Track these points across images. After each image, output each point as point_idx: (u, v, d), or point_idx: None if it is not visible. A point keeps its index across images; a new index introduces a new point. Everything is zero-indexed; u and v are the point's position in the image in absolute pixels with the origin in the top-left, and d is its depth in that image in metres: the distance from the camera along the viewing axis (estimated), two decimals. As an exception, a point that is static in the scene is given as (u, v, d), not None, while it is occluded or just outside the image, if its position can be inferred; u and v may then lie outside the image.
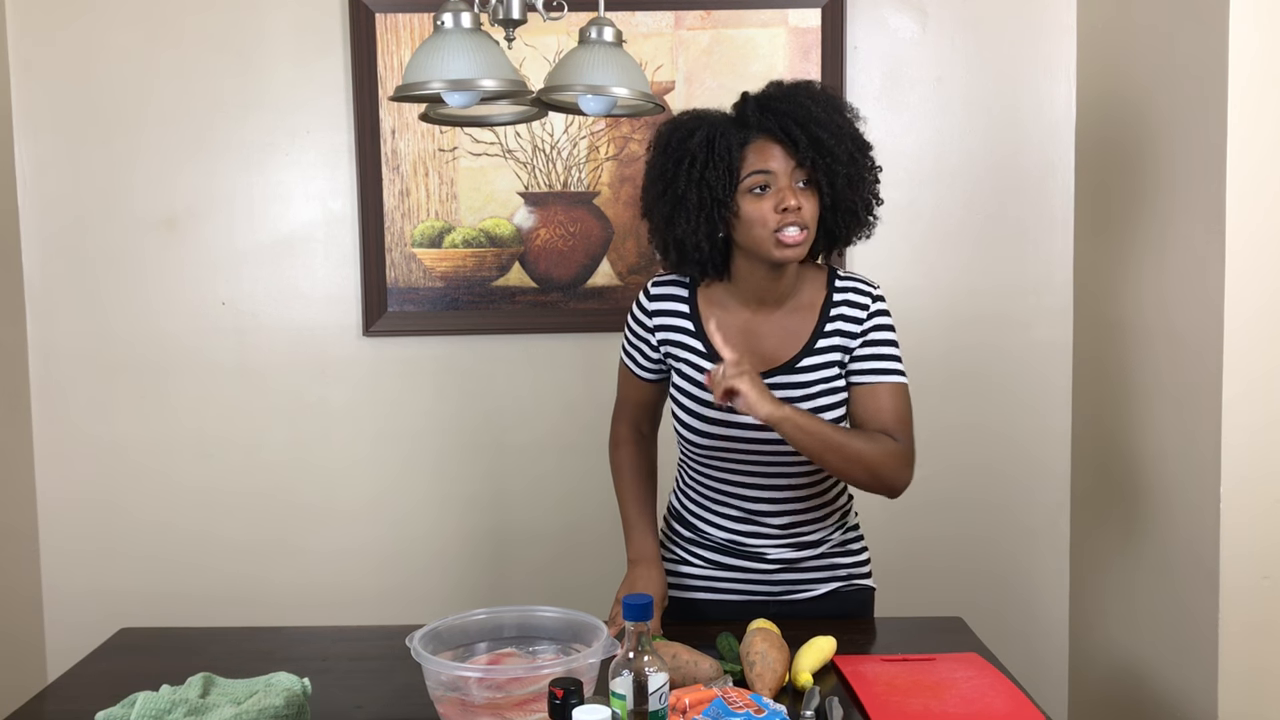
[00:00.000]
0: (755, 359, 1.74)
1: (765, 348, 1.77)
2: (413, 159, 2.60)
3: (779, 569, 1.84)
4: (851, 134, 1.72)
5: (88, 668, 1.75)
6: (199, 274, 2.64)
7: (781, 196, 1.67)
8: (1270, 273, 1.96)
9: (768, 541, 1.83)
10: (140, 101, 2.60)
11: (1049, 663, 2.72)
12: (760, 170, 1.68)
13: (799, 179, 1.69)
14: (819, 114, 1.68)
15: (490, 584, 2.70)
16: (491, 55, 1.51)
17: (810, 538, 1.84)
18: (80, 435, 2.67)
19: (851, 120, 1.74)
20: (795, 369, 1.75)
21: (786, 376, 1.75)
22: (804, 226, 1.68)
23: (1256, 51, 1.94)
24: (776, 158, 1.68)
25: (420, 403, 2.67)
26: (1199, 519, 2.07)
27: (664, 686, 1.27)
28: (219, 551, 2.69)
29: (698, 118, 1.75)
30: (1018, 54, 2.62)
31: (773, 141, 1.68)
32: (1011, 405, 2.69)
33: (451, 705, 1.40)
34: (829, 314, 1.78)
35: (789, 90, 1.73)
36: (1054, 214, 2.65)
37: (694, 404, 1.78)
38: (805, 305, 1.79)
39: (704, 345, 1.79)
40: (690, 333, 1.81)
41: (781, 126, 1.68)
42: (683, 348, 1.81)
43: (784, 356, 1.77)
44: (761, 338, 1.78)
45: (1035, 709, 1.49)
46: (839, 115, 1.71)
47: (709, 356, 1.77)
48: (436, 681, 1.41)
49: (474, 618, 1.56)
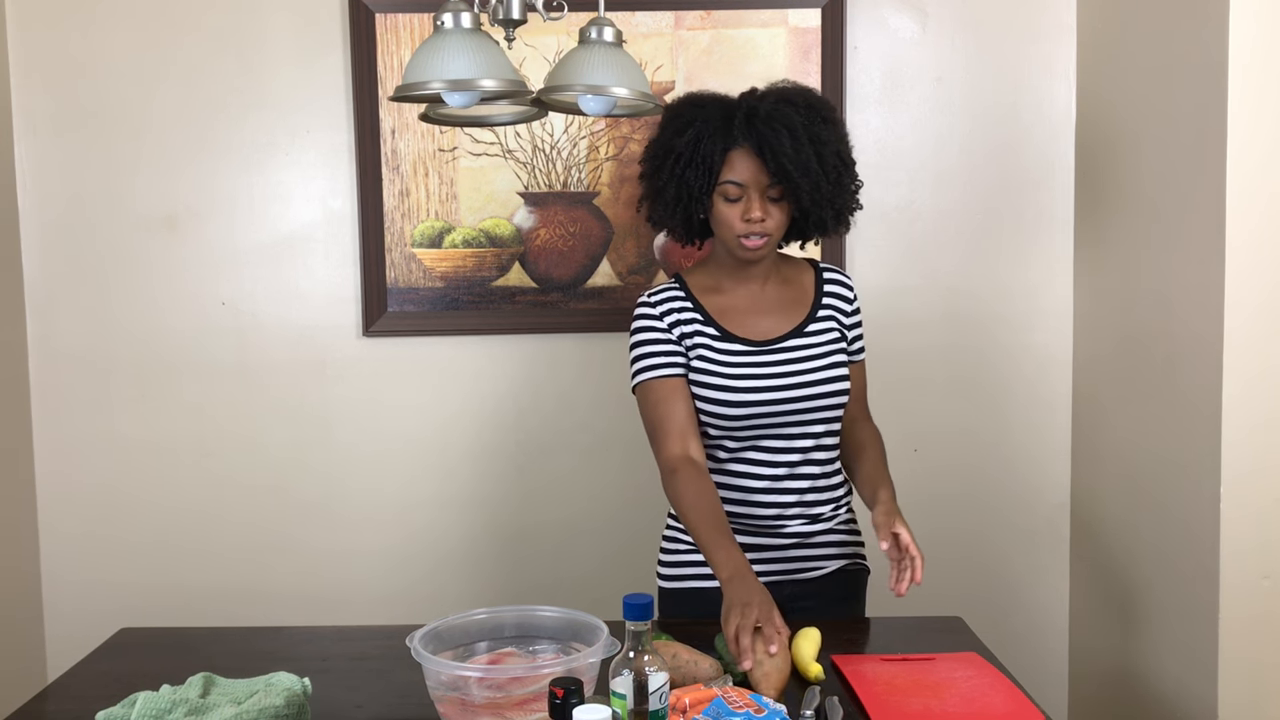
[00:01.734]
0: (763, 328, 1.90)
1: (769, 318, 1.91)
2: (413, 159, 2.60)
3: (793, 544, 1.90)
4: (835, 150, 1.81)
5: (88, 668, 1.75)
6: (199, 274, 2.64)
7: (749, 207, 1.80)
8: (1270, 273, 1.96)
9: (785, 512, 1.89)
10: (140, 101, 2.60)
11: (1049, 663, 2.72)
12: (733, 181, 1.80)
13: (771, 192, 1.80)
14: (801, 131, 1.76)
15: (490, 584, 2.70)
16: (491, 55, 1.51)
17: (822, 510, 1.91)
18: (80, 434, 2.67)
19: (836, 135, 1.82)
20: (804, 333, 1.90)
21: (798, 340, 1.89)
22: (767, 235, 1.82)
23: (1256, 51, 1.94)
24: (751, 170, 1.79)
25: (420, 403, 2.67)
26: (1199, 519, 2.07)
27: (664, 686, 1.27)
28: (219, 551, 2.69)
29: (696, 108, 1.84)
30: (1018, 54, 2.62)
31: (751, 153, 1.79)
32: (1011, 405, 2.69)
33: (452, 705, 1.40)
34: (823, 290, 1.95)
35: (776, 104, 1.80)
36: (1054, 214, 2.64)
37: (721, 379, 1.85)
38: (795, 282, 1.95)
39: (716, 330, 1.89)
40: (701, 321, 1.90)
41: (760, 142, 1.77)
42: (699, 334, 1.89)
43: (790, 324, 1.91)
44: (763, 311, 1.92)
45: (1035, 709, 1.50)
46: (825, 129, 1.80)
47: (724, 338, 1.88)
48: (437, 681, 1.41)
49: (474, 617, 1.56)
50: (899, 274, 2.64)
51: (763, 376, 1.85)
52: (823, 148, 1.78)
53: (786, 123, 1.77)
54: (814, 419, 1.88)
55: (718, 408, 1.85)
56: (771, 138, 1.76)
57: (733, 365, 1.86)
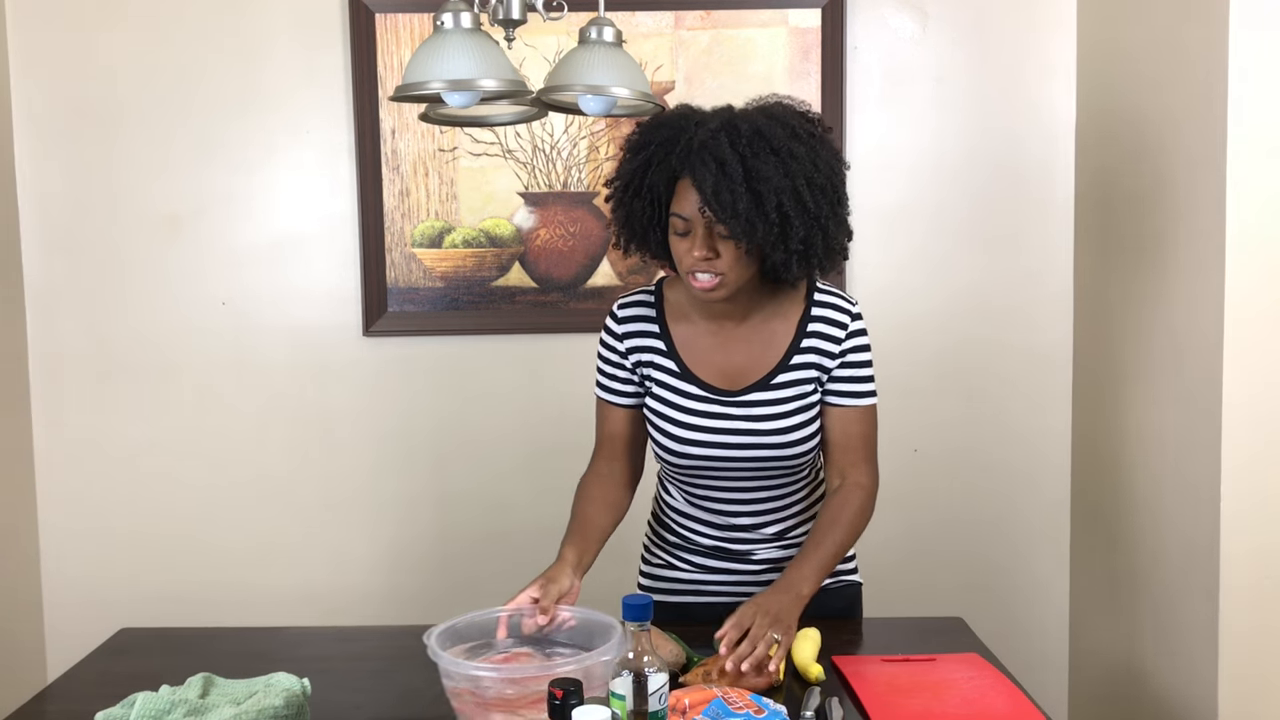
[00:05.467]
0: (727, 372, 1.72)
1: (736, 361, 1.73)
2: (413, 159, 2.60)
3: (767, 569, 1.83)
4: (789, 186, 1.55)
5: (88, 668, 1.75)
6: (199, 274, 2.64)
7: (693, 242, 1.60)
8: (1270, 273, 1.96)
9: (755, 545, 1.82)
10: (140, 101, 2.60)
11: (1049, 663, 2.72)
12: (678, 215, 1.62)
13: (720, 229, 1.58)
14: (734, 165, 1.54)
15: (490, 584, 2.69)
16: (491, 55, 1.51)
17: (798, 537, 1.83)
18: (80, 435, 2.67)
19: (787, 170, 1.56)
20: (770, 385, 1.71)
21: (762, 393, 1.71)
22: (719, 273, 1.60)
23: (1256, 51, 1.94)
24: (695, 203, 1.59)
25: (420, 403, 2.67)
26: (1199, 519, 2.07)
27: (664, 687, 1.27)
28: (219, 551, 2.69)
29: (655, 129, 1.66)
30: (1018, 54, 2.62)
31: (695, 187, 1.58)
32: (1011, 405, 2.69)
33: (468, 702, 1.39)
34: (806, 329, 1.72)
35: (716, 131, 1.58)
36: (1054, 214, 2.64)
37: (668, 425, 1.73)
38: (779, 316, 1.73)
39: (675, 364, 1.74)
40: (662, 352, 1.75)
41: (699, 176, 1.56)
42: (655, 367, 1.75)
43: (758, 371, 1.72)
44: (732, 351, 1.73)
45: (1035, 709, 1.49)
46: (770, 163, 1.55)
47: (682, 376, 1.73)
48: (452, 678, 1.41)
49: (493, 615, 1.55)
50: (899, 274, 2.64)
51: (713, 430, 1.70)
52: (761, 184, 1.54)
53: (716, 154, 1.55)
54: (771, 473, 1.75)
55: (662, 451, 1.76)
56: (700, 170, 1.56)
57: (684, 411, 1.72)
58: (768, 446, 1.71)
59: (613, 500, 1.80)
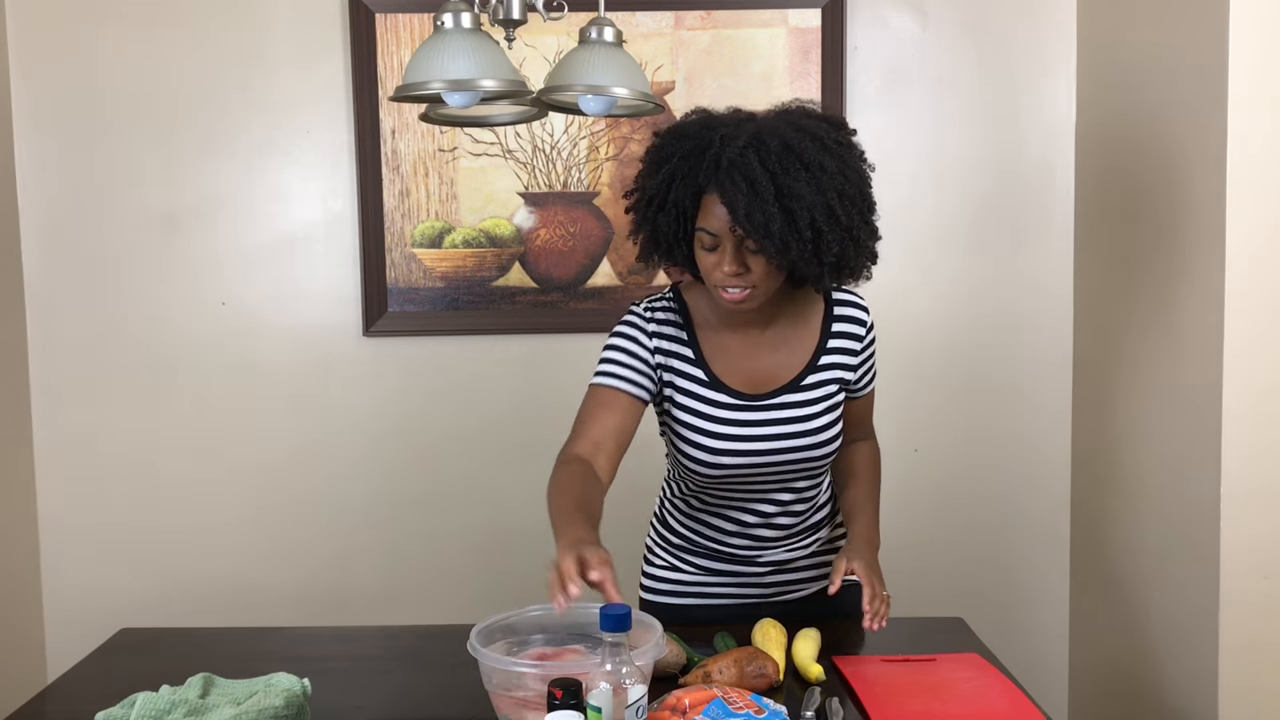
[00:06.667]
0: (754, 378, 1.71)
1: (762, 367, 1.72)
2: (413, 159, 2.60)
3: (771, 570, 1.83)
4: (822, 204, 1.53)
5: (88, 668, 1.75)
6: (199, 273, 2.64)
7: (722, 258, 1.58)
8: (1270, 273, 1.96)
9: (762, 548, 1.82)
10: (140, 101, 2.60)
11: (1049, 663, 2.72)
12: (705, 230, 1.59)
13: (749, 244, 1.56)
14: (765, 184, 1.50)
15: (490, 584, 2.69)
16: (491, 55, 1.51)
17: (803, 540, 1.84)
18: (80, 434, 2.67)
19: (819, 186, 1.53)
20: (800, 387, 1.71)
21: (793, 395, 1.71)
22: (750, 286, 1.59)
23: (1256, 51, 1.94)
24: (724, 218, 1.55)
25: (420, 403, 2.67)
26: (1199, 519, 2.07)
27: (642, 699, 1.25)
28: (219, 551, 2.69)
29: (677, 140, 1.62)
30: (1018, 54, 2.62)
31: (726, 206, 1.54)
32: (1011, 405, 2.69)
33: (508, 701, 1.37)
34: (830, 330, 1.74)
35: (745, 147, 1.53)
36: (1054, 214, 2.64)
37: (700, 436, 1.69)
38: (801, 319, 1.74)
39: (704, 373, 1.71)
40: (690, 360, 1.71)
41: (729, 196, 1.52)
42: (681, 375, 1.71)
43: (787, 375, 1.72)
44: (759, 358, 1.72)
45: (1035, 709, 1.49)
46: (801, 179, 1.52)
47: (711, 385, 1.70)
48: (493, 677, 1.38)
49: (529, 614, 1.51)
50: (899, 274, 2.64)
51: (748, 438, 1.68)
52: (794, 202, 1.51)
53: (746, 173, 1.51)
54: (797, 475, 1.74)
55: (690, 462, 1.70)
56: (730, 189, 1.52)
57: (715, 421, 1.68)
58: (802, 449, 1.70)
59: (598, 496, 1.59)
